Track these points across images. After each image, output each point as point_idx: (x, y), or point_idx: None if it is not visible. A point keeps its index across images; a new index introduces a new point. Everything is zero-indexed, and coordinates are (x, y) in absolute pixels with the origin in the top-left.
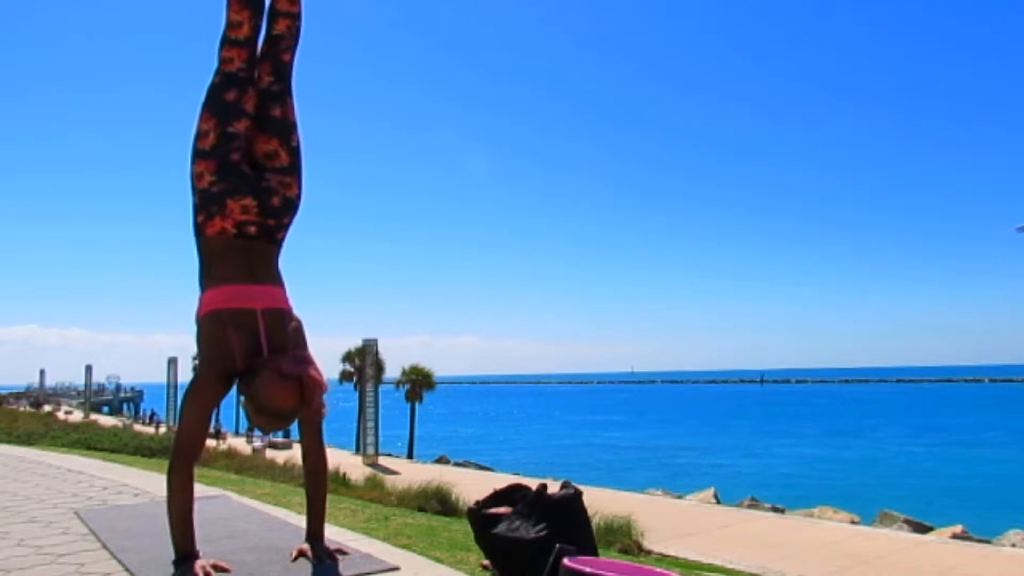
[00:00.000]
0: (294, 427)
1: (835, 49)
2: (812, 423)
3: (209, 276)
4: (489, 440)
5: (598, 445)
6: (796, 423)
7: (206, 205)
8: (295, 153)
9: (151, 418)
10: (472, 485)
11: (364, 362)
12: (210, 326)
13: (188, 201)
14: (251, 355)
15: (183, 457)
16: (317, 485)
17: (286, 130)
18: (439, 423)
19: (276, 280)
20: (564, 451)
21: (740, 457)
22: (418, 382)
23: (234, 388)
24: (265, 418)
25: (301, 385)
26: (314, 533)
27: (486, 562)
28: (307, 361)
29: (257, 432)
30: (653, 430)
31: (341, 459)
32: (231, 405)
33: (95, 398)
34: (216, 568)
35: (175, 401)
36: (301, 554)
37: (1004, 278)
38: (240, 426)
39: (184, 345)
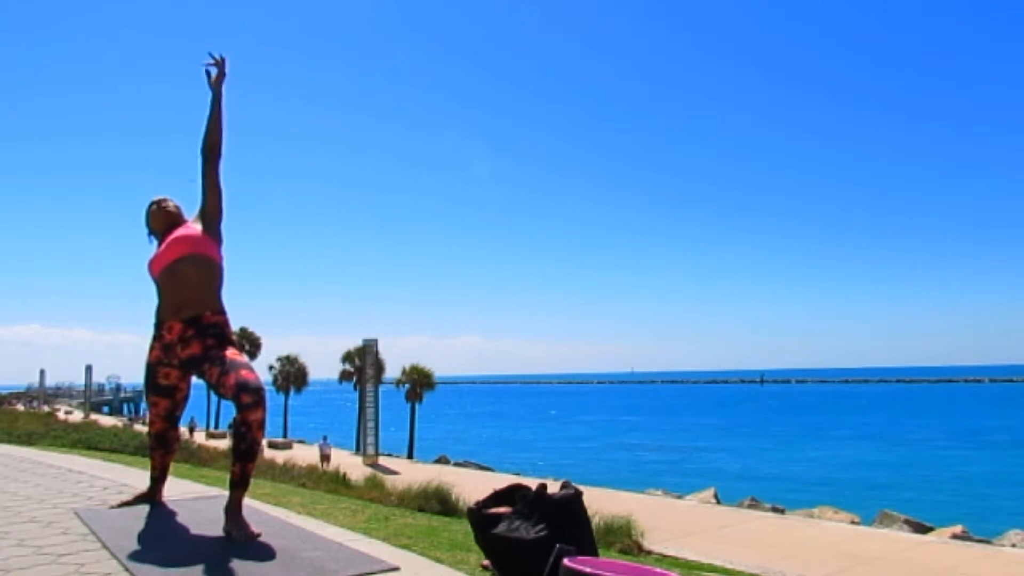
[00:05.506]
0: (292, 429)
1: (835, 49)
2: (812, 424)
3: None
4: (503, 441)
5: (600, 445)
6: (796, 423)
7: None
8: None
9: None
10: (472, 485)
11: (364, 362)
12: None
13: (196, 198)
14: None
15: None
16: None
17: None
18: (452, 423)
19: None
20: (567, 451)
21: (741, 457)
22: (418, 382)
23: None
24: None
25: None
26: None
27: (486, 562)
28: None
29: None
30: (653, 430)
31: (341, 459)
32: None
33: (95, 398)
34: None
35: None
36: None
37: (1003, 278)
38: (222, 423)
39: None
